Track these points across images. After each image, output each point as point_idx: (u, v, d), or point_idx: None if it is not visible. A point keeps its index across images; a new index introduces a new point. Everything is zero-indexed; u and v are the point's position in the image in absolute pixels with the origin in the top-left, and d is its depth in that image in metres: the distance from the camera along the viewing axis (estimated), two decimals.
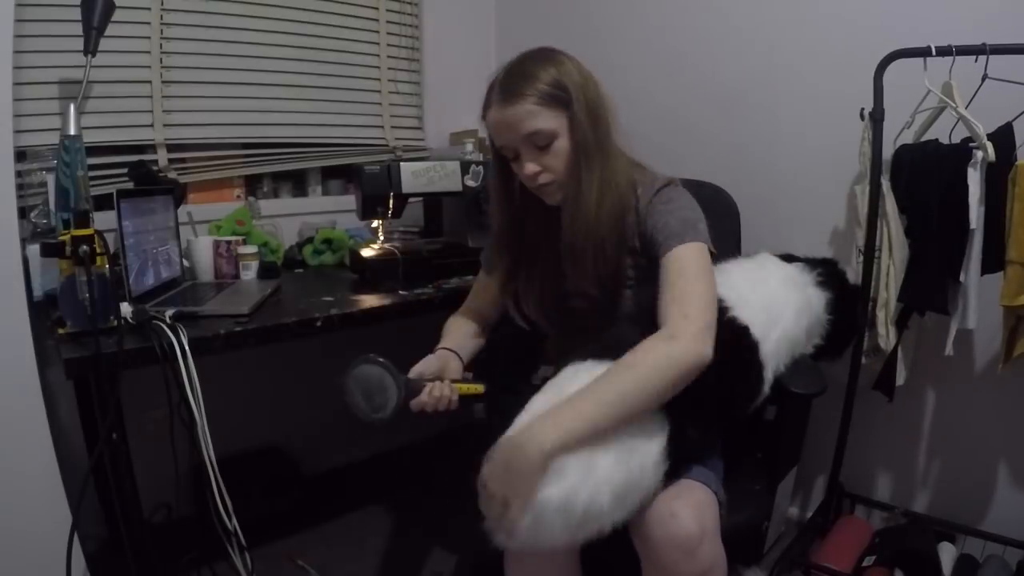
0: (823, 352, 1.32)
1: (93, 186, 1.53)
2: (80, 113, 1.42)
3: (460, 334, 1.30)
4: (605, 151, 1.09)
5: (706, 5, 1.90)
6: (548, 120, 1.05)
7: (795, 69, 1.74)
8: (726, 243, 1.37)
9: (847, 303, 1.38)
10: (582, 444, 0.89)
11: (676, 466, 0.99)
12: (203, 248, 1.62)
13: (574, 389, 0.94)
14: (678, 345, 0.93)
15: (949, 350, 1.40)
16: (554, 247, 1.15)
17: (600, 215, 1.09)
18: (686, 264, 1.02)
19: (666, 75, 2.00)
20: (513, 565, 1.16)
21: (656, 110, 1.97)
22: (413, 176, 1.70)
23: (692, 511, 0.96)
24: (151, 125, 1.76)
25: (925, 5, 1.50)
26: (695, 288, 1.00)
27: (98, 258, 1.10)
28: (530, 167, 1.07)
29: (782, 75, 1.76)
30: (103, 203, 1.51)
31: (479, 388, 1.14)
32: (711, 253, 1.06)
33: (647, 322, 1.01)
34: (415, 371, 1.12)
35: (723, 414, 1.10)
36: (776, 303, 1.20)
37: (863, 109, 1.44)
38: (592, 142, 1.07)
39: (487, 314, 1.35)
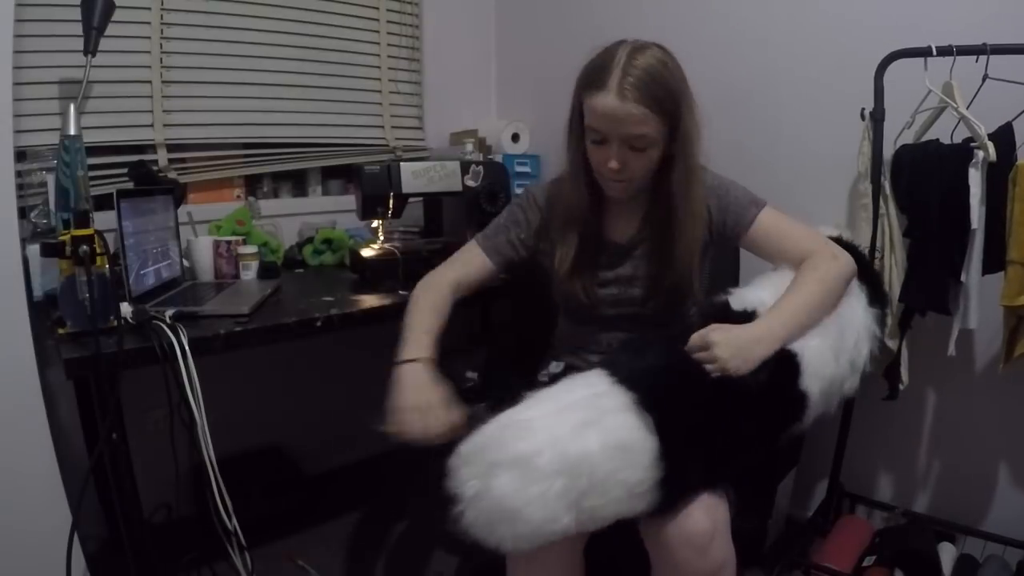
0: None
1: (93, 186, 1.53)
2: (80, 113, 1.42)
3: (434, 321, 1.20)
4: (695, 165, 1.18)
5: (706, 5, 1.90)
6: (655, 128, 1.09)
7: (795, 69, 1.74)
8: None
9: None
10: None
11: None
12: (203, 248, 1.61)
13: (569, 400, 0.94)
14: (843, 260, 1.13)
15: (951, 350, 1.40)
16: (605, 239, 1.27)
17: (684, 240, 1.18)
18: (779, 219, 1.19)
19: None
20: (515, 565, 1.16)
21: None
22: (413, 176, 1.70)
23: (703, 509, 0.97)
24: (151, 125, 1.76)
25: (925, 5, 1.50)
26: (805, 229, 1.18)
27: (98, 258, 1.10)
28: (616, 162, 1.11)
29: (782, 75, 1.76)
30: (103, 203, 1.51)
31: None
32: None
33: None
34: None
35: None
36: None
37: (864, 109, 1.44)
38: (694, 160, 1.17)
39: (465, 288, 1.29)
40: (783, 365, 1.02)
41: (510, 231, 1.31)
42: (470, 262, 1.31)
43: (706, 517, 0.96)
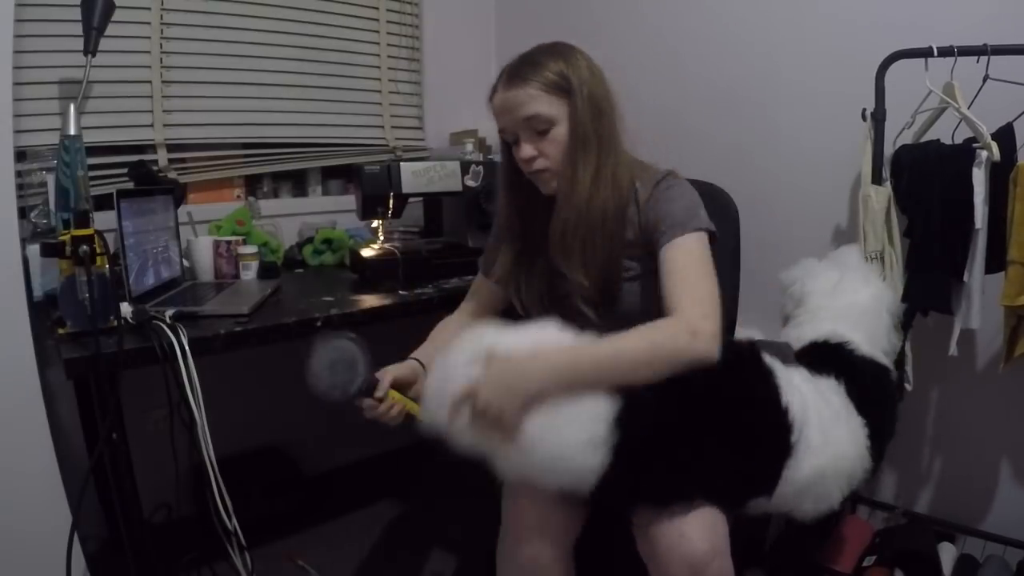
0: None
1: (93, 186, 1.53)
2: (80, 113, 1.42)
3: (442, 340, 1.21)
4: (606, 145, 1.09)
5: (706, 5, 1.90)
6: (548, 106, 1.06)
7: (796, 70, 1.74)
8: (724, 245, 1.36)
9: (876, 394, 1.16)
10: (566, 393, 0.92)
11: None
12: (203, 248, 1.61)
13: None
14: (699, 345, 0.94)
15: (953, 350, 1.40)
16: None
17: (591, 206, 1.09)
18: (693, 256, 1.03)
19: (666, 75, 2.00)
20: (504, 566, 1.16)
21: (655, 110, 1.97)
22: (413, 176, 1.70)
23: (702, 531, 0.95)
24: (151, 125, 1.76)
25: (926, 5, 1.50)
26: (706, 284, 1.00)
27: (98, 258, 1.10)
28: (526, 150, 1.09)
29: (783, 76, 1.76)
30: (103, 203, 1.51)
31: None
32: (711, 235, 1.08)
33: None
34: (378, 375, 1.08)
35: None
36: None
37: (865, 110, 1.44)
38: (591, 133, 1.07)
39: (482, 317, 1.29)
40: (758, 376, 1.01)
41: (496, 248, 1.26)
42: (478, 290, 1.32)
43: (705, 539, 0.94)
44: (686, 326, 0.95)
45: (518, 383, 0.91)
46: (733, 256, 1.51)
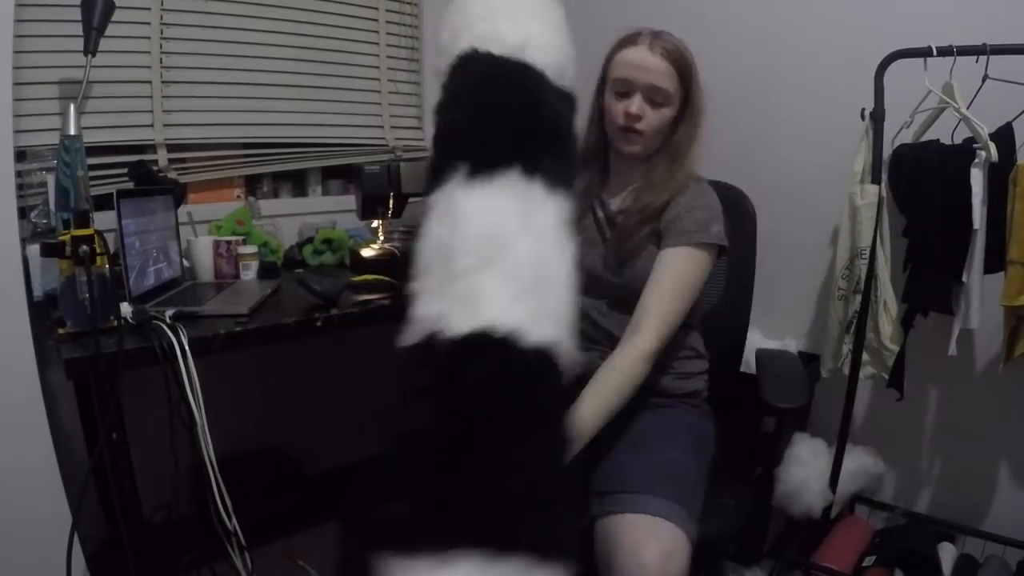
0: None
1: (93, 186, 1.52)
2: (80, 113, 1.42)
3: None
4: (693, 145, 1.23)
5: (707, 6, 1.90)
6: (673, 87, 1.19)
7: (795, 69, 1.74)
8: (740, 246, 1.37)
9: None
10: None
11: None
12: (203, 248, 1.61)
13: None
14: (645, 364, 1.09)
15: (952, 350, 1.40)
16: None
17: (660, 188, 1.19)
18: (679, 272, 1.14)
19: None
20: None
21: None
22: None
23: (659, 559, 0.94)
24: (151, 125, 1.76)
25: (926, 5, 1.51)
26: (676, 306, 1.12)
27: (98, 258, 1.10)
28: (640, 106, 1.18)
29: (782, 76, 1.76)
30: (103, 203, 1.51)
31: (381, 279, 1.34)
32: (722, 249, 1.17)
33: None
34: None
35: None
36: None
37: (864, 109, 1.44)
38: (692, 138, 1.23)
39: None
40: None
41: None
42: None
43: (658, 550, 0.95)
44: (643, 349, 1.09)
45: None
46: (749, 256, 1.48)
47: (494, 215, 0.73)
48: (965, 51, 1.30)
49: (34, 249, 1.35)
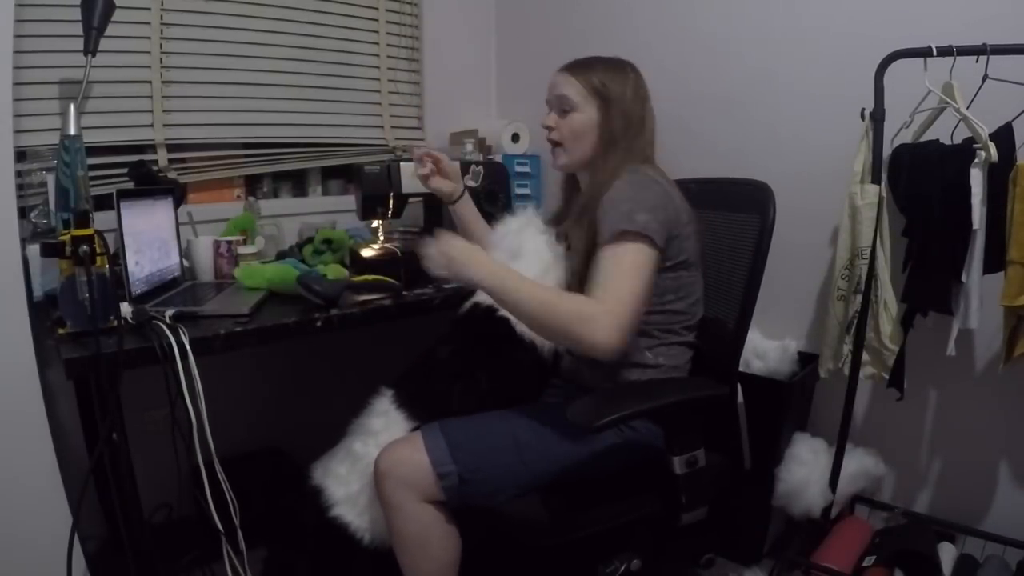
0: None
1: (93, 186, 1.53)
2: (80, 113, 1.42)
3: None
4: (628, 153, 1.25)
5: (706, 6, 1.90)
6: (576, 93, 1.27)
7: (795, 70, 1.74)
8: (750, 243, 1.31)
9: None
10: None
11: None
12: (203, 248, 1.61)
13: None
14: (587, 328, 1.05)
15: (951, 350, 1.40)
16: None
17: (595, 199, 1.21)
18: (620, 263, 1.12)
19: (665, 76, 1.99)
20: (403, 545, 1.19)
21: (655, 110, 1.97)
22: (413, 176, 1.70)
23: (390, 456, 1.13)
24: (151, 125, 1.76)
25: (925, 5, 1.51)
26: (624, 284, 1.09)
27: (98, 258, 1.10)
28: (549, 119, 1.32)
29: (782, 76, 1.76)
30: (103, 203, 1.51)
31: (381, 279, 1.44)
32: (650, 242, 1.12)
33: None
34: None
35: None
36: None
37: (864, 109, 1.44)
38: (620, 139, 1.25)
39: None
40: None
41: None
42: None
43: (390, 456, 1.13)
44: (585, 310, 1.07)
45: (465, 259, 1.15)
46: (759, 253, 1.37)
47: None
48: (965, 51, 1.30)
49: (34, 249, 1.35)
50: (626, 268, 1.10)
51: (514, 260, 1.28)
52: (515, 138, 2.24)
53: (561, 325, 1.07)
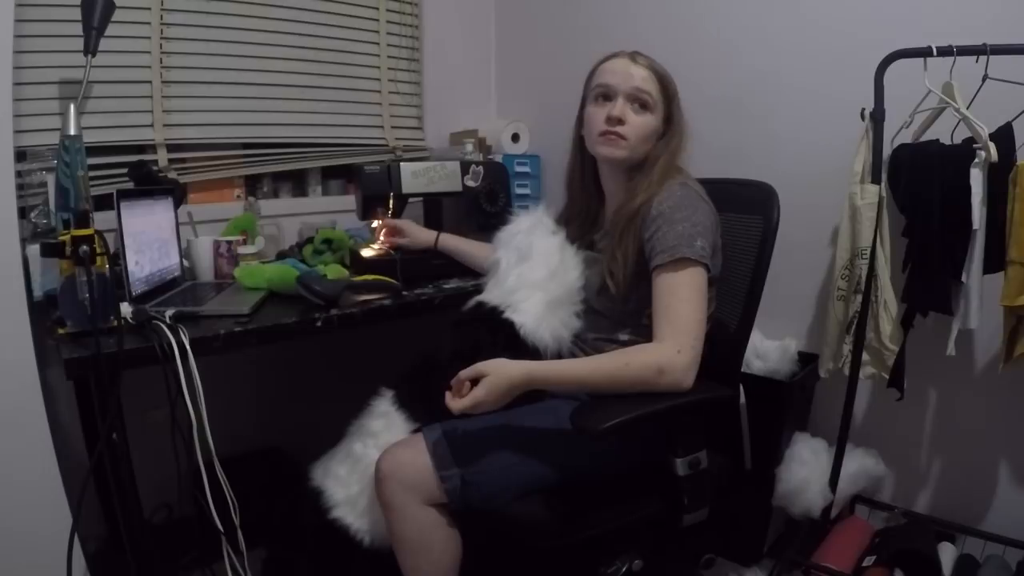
0: None
1: (93, 186, 1.52)
2: (80, 113, 1.42)
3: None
4: (673, 160, 1.23)
5: (707, 5, 1.90)
6: (656, 93, 1.22)
7: (795, 70, 1.74)
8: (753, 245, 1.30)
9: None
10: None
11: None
12: (203, 248, 1.61)
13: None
14: (666, 378, 1.05)
15: (951, 350, 1.40)
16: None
17: (647, 204, 1.17)
18: (680, 288, 1.09)
19: None
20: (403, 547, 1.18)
21: None
22: (413, 176, 1.70)
23: (391, 458, 1.14)
24: (151, 125, 1.76)
25: (925, 5, 1.51)
26: (687, 319, 1.08)
27: (98, 258, 1.10)
28: (623, 109, 1.20)
29: (782, 76, 1.76)
30: (103, 203, 1.51)
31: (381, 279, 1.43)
32: (705, 268, 1.11)
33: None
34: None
35: None
36: None
37: (864, 109, 1.44)
38: (675, 148, 1.24)
39: None
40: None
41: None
42: None
43: (387, 463, 1.13)
44: (656, 361, 1.05)
45: (509, 391, 1.05)
46: (763, 255, 1.36)
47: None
48: (965, 51, 1.30)
49: (34, 249, 1.35)
50: (686, 296, 1.09)
51: (522, 261, 1.27)
52: (515, 138, 2.24)
53: (639, 385, 1.06)
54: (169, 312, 1.20)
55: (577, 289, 1.27)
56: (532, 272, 1.24)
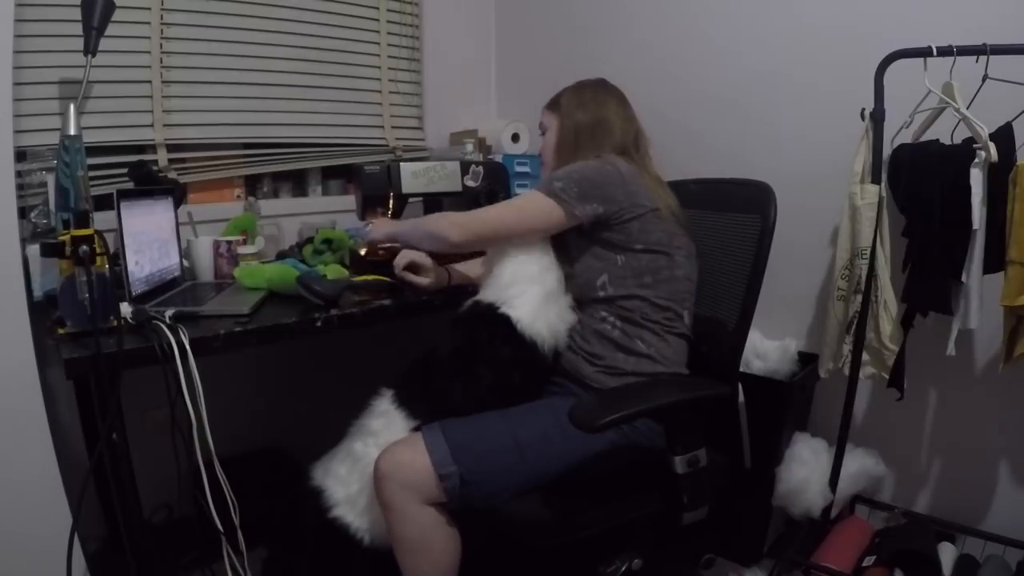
0: None
1: (93, 186, 1.53)
2: (80, 113, 1.42)
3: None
4: (599, 151, 1.32)
5: (706, 6, 1.90)
6: (547, 119, 1.45)
7: (795, 70, 1.74)
8: (751, 244, 1.29)
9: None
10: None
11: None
12: (203, 248, 1.61)
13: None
14: (443, 222, 1.32)
15: (951, 350, 1.40)
16: None
17: None
18: (512, 200, 1.35)
19: (666, 76, 2.00)
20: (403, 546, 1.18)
21: (655, 111, 1.96)
22: (413, 176, 1.70)
23: (390, 458, 1.14)
24: (151, 125, 1.76)
25: (925, 5, 1.51)
26: (493, 212, 1.32)
27: (98, 258, 1.10)
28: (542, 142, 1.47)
29: (782, 76, 1.76)
30: (103, 203, 1.51)
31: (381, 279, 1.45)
32: (556, 200, 1.23)
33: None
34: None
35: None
36: None
37: (864, 109, 1.44)
38: (577, 140, 1.36)
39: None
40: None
41: None
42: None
43: (387, 463, 1.13)
44: (445, 215, 1.36)
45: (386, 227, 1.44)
46: (760, 254, 1.32)
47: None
48: (965, 51, 1.30)
49: (34, 249, 1.35)
50: (505, 204, 1.34)
51: (516, 256, 1.30)
52: (515, 138, 2.24)
53: (430, 225, 1.34)
54: (169, 312, 1.20)
55: None
56: (526, 267, 1.24)
